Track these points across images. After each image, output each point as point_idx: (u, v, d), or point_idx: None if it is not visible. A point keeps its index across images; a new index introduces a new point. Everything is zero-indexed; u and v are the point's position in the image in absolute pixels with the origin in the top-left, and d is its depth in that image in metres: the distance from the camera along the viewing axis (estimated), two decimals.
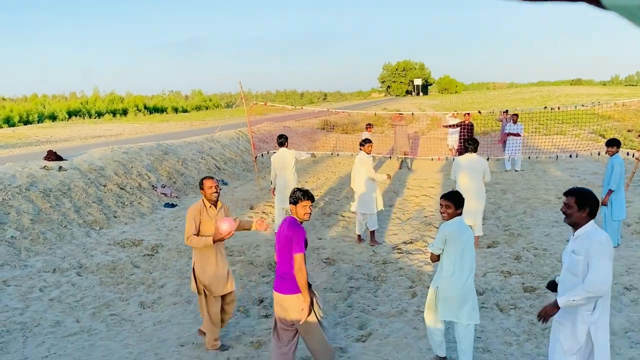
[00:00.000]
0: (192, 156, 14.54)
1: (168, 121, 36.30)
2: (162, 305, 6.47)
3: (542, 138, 20.61)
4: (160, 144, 14.27)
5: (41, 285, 7.00)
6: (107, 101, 51.52)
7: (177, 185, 12.68)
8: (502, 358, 4.93)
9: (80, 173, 10.72)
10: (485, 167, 7.90)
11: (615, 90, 71.22)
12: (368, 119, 29.41)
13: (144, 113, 50.18)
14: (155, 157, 13.25)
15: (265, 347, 5.33)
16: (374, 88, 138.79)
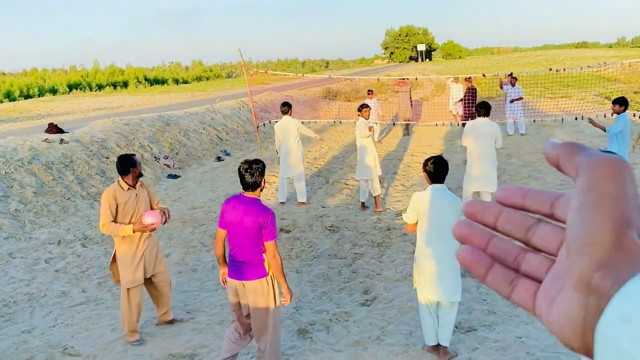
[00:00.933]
0: (193, 127, 14.44)
1: (169, 92, 36.04)
2: (168, 274, 6.49)
3: (547, 101, 20.35)
4: (161, 115, 14.17)
5: (46, 257, 7.03)
6: (107, 74, 51.14)
7: (179, 157, 12.63)
8: (508, 320, 4.94)
9: (82, 145, 10.67)
10: (497, 132, 7.72)
11: (621, 52, 70.07)
12: (371, 86, 29.11)
13: (145, 85, 49.81)
14: (156, 128, 13.17)
15: None
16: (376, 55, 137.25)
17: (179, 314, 5.43)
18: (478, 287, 5.67)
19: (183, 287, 6.13)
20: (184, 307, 5.59)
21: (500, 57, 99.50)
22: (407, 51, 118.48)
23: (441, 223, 4.08)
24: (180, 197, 9.85)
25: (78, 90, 42.30)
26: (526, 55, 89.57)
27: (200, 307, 5.60)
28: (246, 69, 12.57)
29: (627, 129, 7.59)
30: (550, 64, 51.35)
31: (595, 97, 21.27)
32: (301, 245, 7.20)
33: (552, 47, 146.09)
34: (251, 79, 12.90)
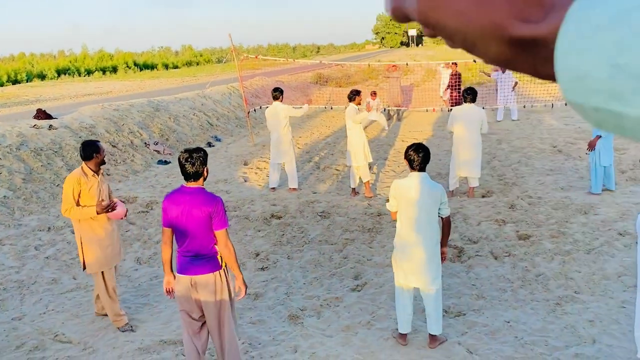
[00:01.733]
0: (184, 112, 14.34)
1: (159, 78, 35.74)
2: (158, 260, 6.51)
3: (538, 86, 20.36)
4: (151, 101, 14.05)
5: (36, 243, 7.00)
6: (96, 59, 50.58)
7: (169, 142, 12.56)
8: (497, 304, 5.00)
9: (70, 131, 10.57)
10: (482, 118, 7.80)
11: None
12: (362, 72, 28.99)
13: (134, 70, 49.33)
14: (146, 114, 13.07)
15: (262, 298, 5.39)
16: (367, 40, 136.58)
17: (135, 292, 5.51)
18: (467, 272, 5.73)
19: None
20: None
21: None
22: (398, 36, 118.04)
23: (420, 210, 4.05)
24: (170, 183, 9.81)
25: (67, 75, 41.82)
26: None
27: None
28: (236, 54, 12.47)
29: None
30: None
31: None
32: (292, 231, 7.21)
33: None
34: (242, 64, 12.80)
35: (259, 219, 7.68)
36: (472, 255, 6.11)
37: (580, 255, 5.87)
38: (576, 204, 7.47)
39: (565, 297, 5.04)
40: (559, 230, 6.59)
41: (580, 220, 6.91)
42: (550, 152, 10.80)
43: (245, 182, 9.89)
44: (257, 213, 7.92)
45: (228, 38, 12.18)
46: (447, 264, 5.93)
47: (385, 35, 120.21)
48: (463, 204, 7.92)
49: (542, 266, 5.71)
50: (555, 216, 7.11)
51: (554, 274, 5.51)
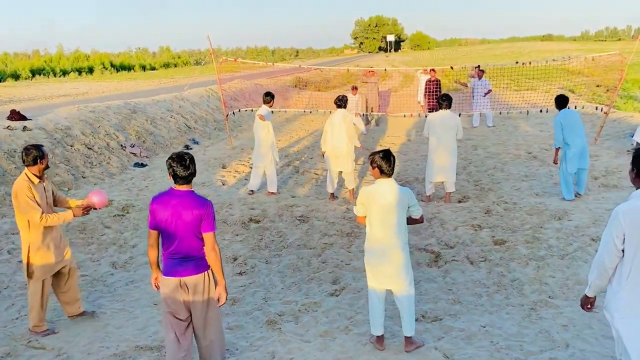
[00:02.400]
0: (161, 115, 14.20)
1: (136, 79, 35.31)
2: (134, 265, 6.44)
3: (513, 94, 20.70)
4: (128, 103, 13.88)
5: (9, 247, 6.85)
6: (72, 59, 49.70)
7: (146, 145, 12.43)
8: (473, 309, 5.05)
9: (45, 133, 10.38)
10: (458, 124, 7.91)
11: (585, 45, 71.77)
12: (341, 76, 29.12)
13: (111, 71, 48.60)
14: (123, 116, 12.90)
15: (239, 303, 5.36)
16: (346, 44, 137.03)
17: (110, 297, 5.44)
18: (444, 277, 5.78)
19: (149, 278, 6.05)
20: (150, 298, 5.53)
21: (468, 48, 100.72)
22: (376, 41, 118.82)
23: (392, 215, 4.13)
24: (147, 186, 9.70)
25: (41, 75, 40.98)
26: (493, 47, 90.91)
27: None
28: (215, 56, 12.41)
29: (564, 125, 7.71)
30: (517, 56, 52.23)
31: (559, 89, 21.73)
32: (270, 235, 7.20)
33: (519, 39, 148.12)
34: (220, 67, 12.74)
35: (237, 223, 7.64)
36: (448, 260, 6.18)
37: (554, 261, 5.98)
38: (550, 210, 7.61)
39: (540, 302, 5.12)
40: (534, 236, 6.70)
41: (554, 225, 7.04)
42: (526, 158, 11.00)
43: (223, 185, 9.83)
44: (236, 217, 7.88)
45: (207, 40, 12.13)
46: (424, 269, 5.99)
47: (363, 41, 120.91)
48: (440, 209, 8.00)
49: (517, 271, 5.80)
50: (530, 222, 7.23)
51: (528, 279, 5.60)
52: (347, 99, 8.43)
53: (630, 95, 18.96)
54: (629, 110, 15.42)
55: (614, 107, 15.38)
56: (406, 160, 11.39)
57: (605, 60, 19.03)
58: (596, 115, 15.10)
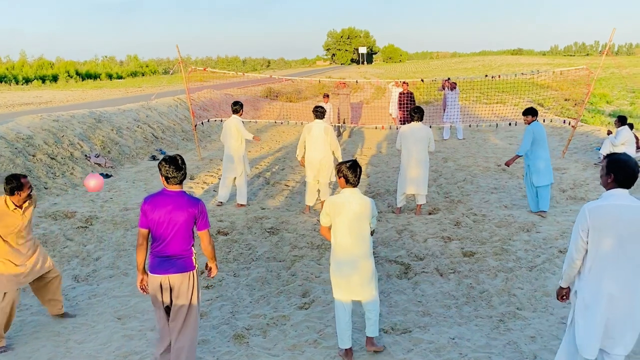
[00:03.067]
0: (127, 124, 13.91)
1: (102, 88, 34.77)
2: (98, 278, 6.24)
3: (483, 107, 21.09)
4: (93, 112, 13.56)
5: None
6: (35, 66, 48.69)
7: (111, 155, 12.13)
8: (442, 321, 5.03)
9: (6, 142, 10.03)
10: (430, 136, 7.94)
11: (554, 60, 73.82)
12: (313, 87, 29.20)
13: (76, 79, 47.76)
14: (88, 125, 12.59)
15: (206, 317, 5.22)
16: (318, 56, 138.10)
17: (72, 311, 5.34)
18: (413, 288, 5.75)
19: (114, 292, 5.87)
20: (114, 312, 5.35)
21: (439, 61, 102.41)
22: (348, 53, 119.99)
23: (353, 225, 4.20)
24: (111, 197, 9.45)
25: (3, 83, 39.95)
26: (464, 60, 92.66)
27: (132, 312, 5.37)
28: (184, 65, 12.24)
29: (535, 136, 7.67)
30: (487, 69, 53.39)
31: (528, 102, 22.23)
32: (239, 248, 7.06)
33: (490, 53, 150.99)
34: (189, 76, 12.57)
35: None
36: (418, 272, 6.15)
37: (522, 272, 6.01)
38: (519, 222, 7.69)
39: (508, 313, 5.13)
40: (503, 248, 6.74)
41: (523, 237, 7.10)
42: (495, 170, 11.13)
43: None
44: None
45: (176, 49, 11.97)
46: (394, 281, 5.95)
47: (336, 52, 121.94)
48: (410, 220, 8.00)
49: (486, 283, 5.80)
50: (499, 234, 7.28)
51: (497, 290, 5.61)
52: (324, 110, 8.35)
53: (597, 110, 19.49)
54: (597, 124, 15.82)
55: (582, 120, 15.78)
56: (377, 172, 11.40)
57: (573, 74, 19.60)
58: (564, 129, 15.45)
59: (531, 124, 7.80)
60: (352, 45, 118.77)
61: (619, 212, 3.32)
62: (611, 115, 17.52)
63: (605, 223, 3.33)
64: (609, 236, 3.33)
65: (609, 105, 20.98)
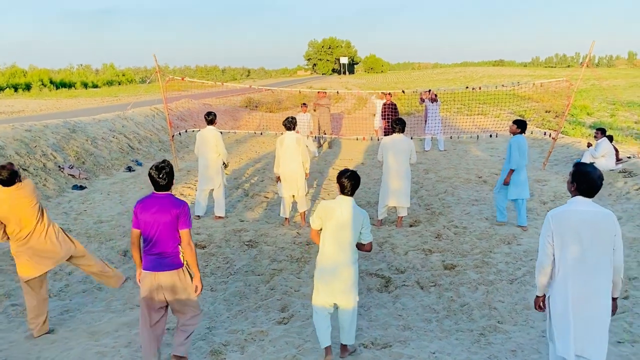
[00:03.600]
0: (102, 135, 13.66)
1: (77, 97, 34.30)
2: (70, 293, 6.06)
3: (464, 118, 21.23)
4: (67, 122, 13.28)
5: None
6: (7, 75, 47.83)
7: (86, 166, 11.87)
8: (423, 335, 4.96)
9: None
10: (411, 148, 7.90)
11: (535, 71, 74.91)
12: (293, 97, 29.16)
13: (50, 88, 46.98)
14: (61, 135, 12.32)
15: None
16: (299, 65, 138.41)
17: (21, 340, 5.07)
18: (394, 302, 5.67)
19: (87, 307, 5.69)
20: (87, 328, 5.18)
21: (421, 72, 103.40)
22: (330, 63, 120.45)
23: (344, 231, 4.30)
24: (85, 210, 9.21)
25: None
26: (446, 71, 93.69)
27: (106, 328, 5.19)
28: (162, 74, 12.07)
29: (520, 149, 7.69)
30: (469, 80, 54.05)
31: (510, 114, 22.46)
32: (217, 261, 6.90)
33: (471, 64, 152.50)
34: (167, 86, 12.40)
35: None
36: (399, 285, 6.08)
37: (503, 285, 5.97)
38: (500, 234, 7.68)
39: (489, 327, 5.08)
40: (483, 260, 6.71)
41: (503, 250, 7.08)
42: (476, 182, 11.15)
43: None
44: None
45: (153, 58, 11.80)
46: (375, 294, 5.86)
47: (317, 62, 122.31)
48: (391, 233, 7.93)
49: (466, 296, 5.75)
50: (480, 246, 7.26)
51: (478, 303, 5.56)
52: (296, 121, 8.27)
53: (578, 121, 19.75)
54: (577, 136, 15.99)
55: (563, 132, 15.95)
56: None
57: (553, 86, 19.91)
58: (545, 141, 15.60)
59: (515, 137, 7.75)
60: (334, 55, 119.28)
61: (580, 217, 3.50)
62: (592, 126, 17.77)
63: (568, 228, 3.50)
64: (572, 241, 3.50)
65: (590, 117, 21.29)
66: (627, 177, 10.19)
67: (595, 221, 3.48)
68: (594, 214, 3.50)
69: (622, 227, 7.97)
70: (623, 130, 16.71)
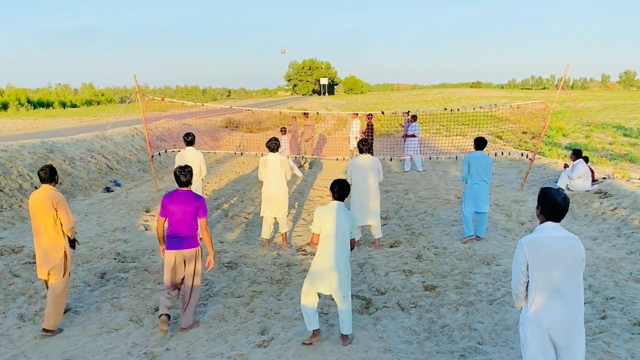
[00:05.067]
0: (80, 155, 13.48)
1: (55, 117, 33.89)
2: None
3: (443, 139, 21.49)
4: (44, 142, 13.10)
5: None
6: None
7: (63, 187, 11.68)
8: (403, 357, 4.93)
9: None
10: (379, 167, 7.99)
11: (511, 93, 76.31)
12: (274, 118, 29.23)
13: (27, 108, 46.28)
14: (38, 155, 12.14)
15: (160, 357, 4.96)
16: (280, 86, 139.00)
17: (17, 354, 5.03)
18: (375, 324, 5.64)
19: (62, 331, 5.53)
20: (62, 353, 5.04)
21: (400, 93, 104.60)
22: (310, 84, 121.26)
23: (338, 231, 5.01)
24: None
25: None
26: (425, 92, 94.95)
27: (81, 353, 5.06)
28: (142, 95, 12.01)
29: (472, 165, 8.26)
30: (447, 102, 54.82)
31: (488, 135, 22.82)
32: None
33: (449, 85, 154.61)
34: (147, 106, 12.33)
35: (160, 271, 7.19)
36: (379, 307, 6.05)
37: (483, 306, 5.99)
38: (479, 255, 7.73)
39: (469, 348, 5.07)
40: (463, 281, 6.73)
41: (483, 270, 7.12)
42: (455, 202, 11.24)
43: (146, 230, 9.32)
44: (158, 264, 7.43)
45: (133, 78, 11.75)
46: (355, 316, 5.82)
47: (297, 83, 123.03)
48: (371, 254, 7.93)
49: (447, 317, 5.75)
50: (460, 267, 7.29)
51: (458, 325, 5.56)
52: (279, 142, 8.29)
53: (554, 142, 20.12)
54: (554, 157, 16.28)
55: (539, 153, 16.22)
56: None
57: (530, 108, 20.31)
58: (522, 162, 15.85)
59: (469, 154, 8.44)
60: (314, 76, 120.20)
61: (552, 244, 3.54)
62: (568, 147, 18.10)
63: (542, 255, 3.53)
64: (547, 268, 3.53)
65: (566, 138, 21.71)
66: (602, 197, 10.39)
67: (567, 247, 3.53)
68: (565, 240, 3.55)
69: (599, 247, 8.11)
70: (598, 151, 17.08)
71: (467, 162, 8.35)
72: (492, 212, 10.41)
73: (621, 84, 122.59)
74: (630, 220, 8.90)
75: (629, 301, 6.01)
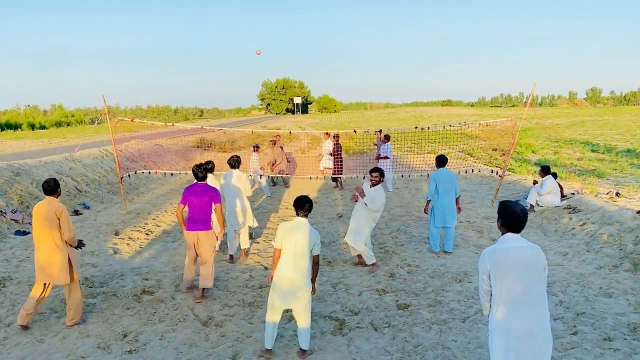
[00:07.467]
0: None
1: (23, 139, 33.17)
2: (9, 346, 5.64)
3: (415, 157, 21.68)
4: (10, 164, 12.78)
5: None
6: None
7: (30, 210, 11.37)
8: None
9: None
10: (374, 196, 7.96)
11: (481, 111, 77.77)
12: (247, 137, 29.14)
13: None
14: (4, 179, 11.81)
15: None
16: (253, 105, 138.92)
17: None
18: (348, 345, 5.59)
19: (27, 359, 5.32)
20: None
21: (373, 112, 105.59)
22: (283, 103, 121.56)
23: (297, 246, 5.09)
24: (29, 256, 8.76)
25: None
26: (397, 111, 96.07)
27: None
28: (111, 115, 11.84)
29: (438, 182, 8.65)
30: (419, 120, 55.49)
31: (458, 152, 23.11)
32: (166, 308, 6.64)
33: (421, 103, 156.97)
34: (117, 126, 12.15)
35: (129, 296, 7.01)
36: (353, 328, 6.00)
37: (456, 324, 5.99)
38: (452, 272, 7.75)
39: None
40: (436, 299, 6.73)
41: (455, 288, 7.14)
42: (427, 220, 11.28)
43: (115, 254, 9.10)
44: (127, 289, 7.25)
45: (102, 99, 11.58)
46: (328, 338, 5.76)
47: (271, 102, 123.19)
48: (345, 273, 7.89)
49: (420, 336, 5.73)
50: (432, 284, 7.29)
51: (431, 344, 5.54)
52: (240, 160, 8.66)
53: (524, 159, 20.47)
54: (523, 173, 16.53)
55: (509, 170, 16.47)
56: (312, 223, 11.28)
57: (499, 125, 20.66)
58: (492, 178, 16.07)
59: (436, 171, 8.83)
60: (287, 95, 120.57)
61: (513, 254, 3.64)
62: (537, 164, 18.43)
63: (502, 265, 3.63)
64: (509, 277, 3.61)
65: (535, 154, 22.12)
66: (572, 213, 10.57)
67: (528, 256, 3.64)
68: (526, 249, 3.67)
69: (569, 262, 8.22)
70: (566, 167, 17.43)
71: (433, 180, 8.69)
72: (463, 228, 10.49)
73: (588, 100, 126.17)
74: (599, 235, 9.07)
75: (599, 316, 6.08)
